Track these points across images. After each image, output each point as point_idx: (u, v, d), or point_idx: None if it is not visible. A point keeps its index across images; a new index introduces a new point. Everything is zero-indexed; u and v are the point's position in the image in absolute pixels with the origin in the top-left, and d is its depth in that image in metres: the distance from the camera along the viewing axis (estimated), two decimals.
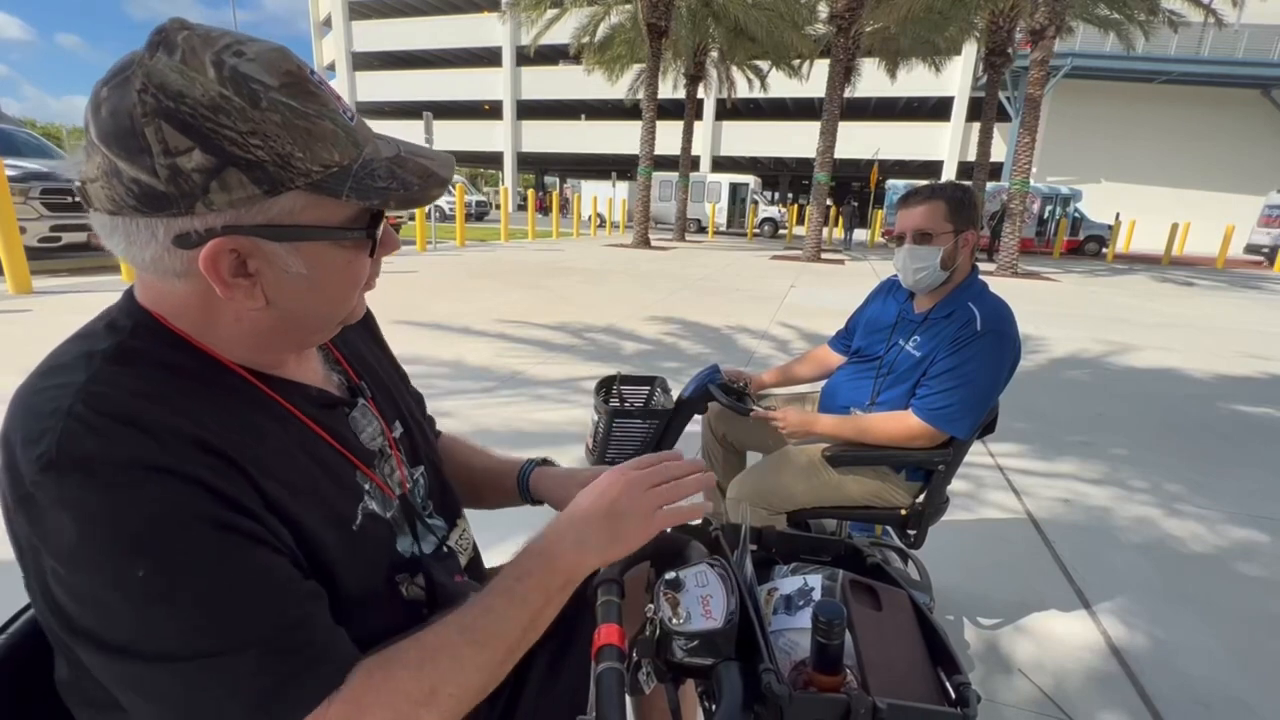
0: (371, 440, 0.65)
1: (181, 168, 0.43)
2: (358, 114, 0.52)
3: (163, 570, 0.42)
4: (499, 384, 3.58)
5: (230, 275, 0.47)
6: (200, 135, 0.42)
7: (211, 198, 0.44)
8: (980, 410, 1.37)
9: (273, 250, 0.47)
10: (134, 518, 0.42)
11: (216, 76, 0.43)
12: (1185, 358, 5.25)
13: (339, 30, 35.93)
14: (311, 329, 0.56)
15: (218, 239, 0.45)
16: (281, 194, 0.45)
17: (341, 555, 0.55)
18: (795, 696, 0.48)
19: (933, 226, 1.40)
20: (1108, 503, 2.50)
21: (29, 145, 7.34)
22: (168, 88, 0.42)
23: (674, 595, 0.55)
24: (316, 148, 0.46)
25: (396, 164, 0.50)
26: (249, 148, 0.43)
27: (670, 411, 1.58)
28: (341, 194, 0.47)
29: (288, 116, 0.45)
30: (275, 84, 0.45)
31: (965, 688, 0.51)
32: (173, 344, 0.50)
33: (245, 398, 0.53)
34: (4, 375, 2.95)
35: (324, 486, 0.56)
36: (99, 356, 0.47)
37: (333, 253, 0.50)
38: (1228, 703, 1.47)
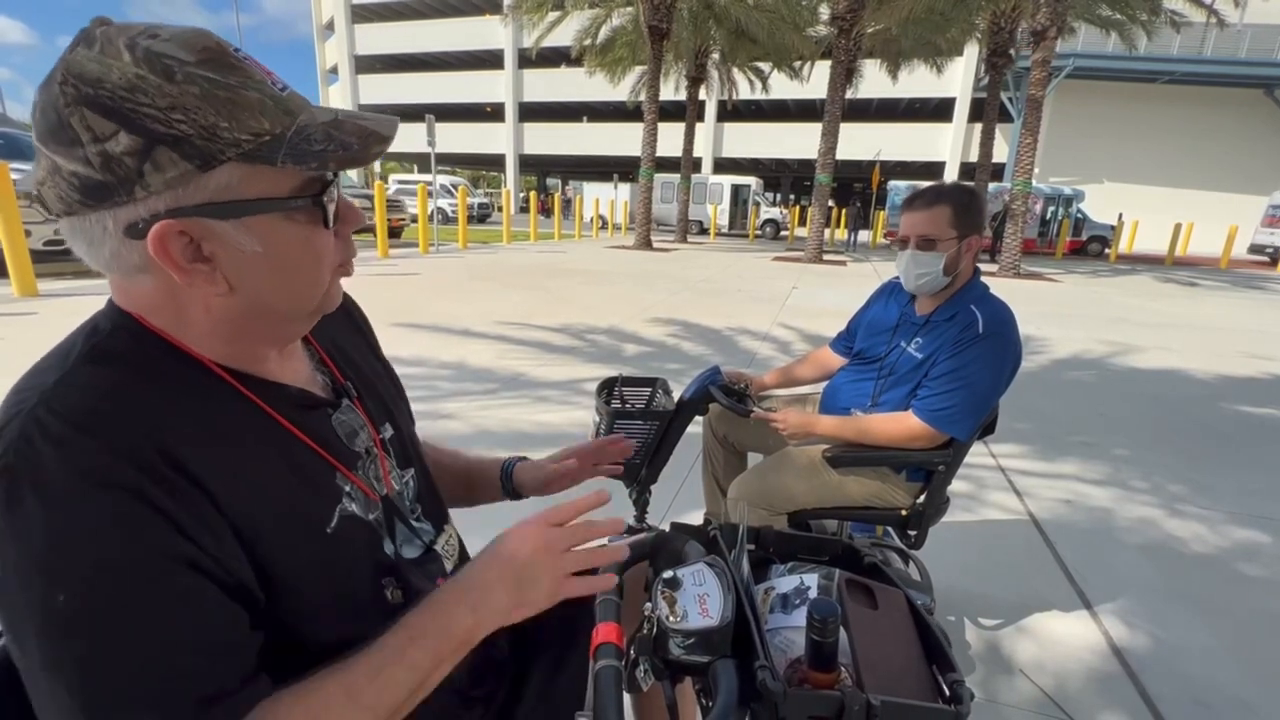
0: (357, 442, 0.64)
1: (111, 153, 0.43)
2: (289, 87, 0.51)
3: (80, 599, 0.42)
4: (501, 385, 3.59)
5: (186, 260, 0.47)
6: (122, 116, 0.43)
7: (147, 180, 0.44)
8: (980, 412, 1.37)
9: (223, 230, 0.47)
10: (68, 540, 0.42)
11: (131, 59, 0.43)
12: (1187, 358, 5.24)
13: (341, 34, 36.05)
14: (284, 315, 0.55)
15: (162, 222, 0.45)
16: (215, 167, 0.45)
17: (314, 559, 0.55)
18: (790, 693, 0.49)
19: (937, 232, 1.40)
20: (1109, 503, 2.50)
21: (33, 149, 7.38)
22: (85, 76, 0.43)
23: (671, 594, 0.56)
24: (243, 117, 0.45)
25: (333, 127, 0.49)
26: (171, 123, 0.43)
27: (671, 413, 1.59)
28: (277, 161, 0.46)
29: (206, 88, 0.44)
30: (192, 59, 0.45)
31: (959, 685, 0.51)
32: (150, 344, 0.50)
33: (221, 398, 0.52)
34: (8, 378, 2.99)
35: (297, 490, 0.55)
36: (74, 357, 0.48)
37: (285, 227, 0.50)
38: (1229, 703, 1.47)
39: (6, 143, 7.12)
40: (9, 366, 2.71)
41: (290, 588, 0.53)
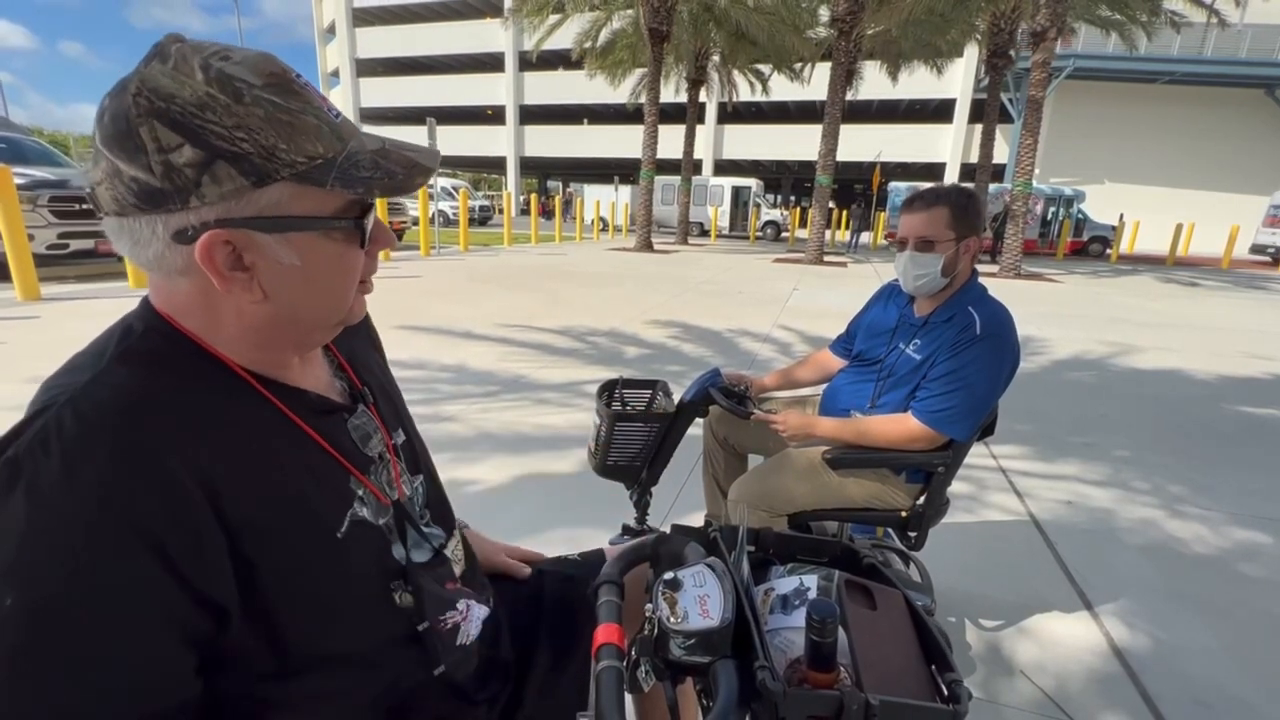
0: (370, 447, 0.65)
1: (174, 163, 0.45)
2: (342, 114, 0.54)
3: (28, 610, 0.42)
4: (502, 388, 3.60)
5: (227, 268, 0.49)
6: (189, 131, 0.45)
7: (203, 191, 0.46)
8: (979, 413, 1.38)
9: (265, 242, 0.49)
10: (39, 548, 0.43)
11: (204, 78, 0.46)
12: (1188, 358, 5.23)
13: (343, 37, 36.14)
14: (311, 325, 0.57)
15: (211, 231, 0.47)
16: (269, 185, 0.48)
17: (324, 563, 0.56)
18: (789, 693, 0.49)
19: (935, 234, 1.40)
20: (1110, 504, 2.50)
21: (36, 153, 7.41)
22: (159, 90, 0.45)
23: (672, 595, 0.56)
24: (300, 140, 0.48)
25: (380, 155, 0.52)
26: (235, 141, 0.46)
27: (671, 415, 1.60)
28: (327, 183, 0.49)
29: (270, 111, 0.47)
30: (259, 83, 0.47)
31: (957, 685, 0.52)
32: (181, 346, 0.52)
33: (244, 401, 0.54)
34: (13, 382, 3.00)
35: (310, 494, 0.56)
36: (108, 357, 0.50)
37: (324, 244, 0.52)
38: (1230, 703, 1.47)
39: (9, 147, 7.14)
40: (13, 370, 2.74)
41: (291, 591, 0.53)
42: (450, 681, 0.67)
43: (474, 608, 0.72)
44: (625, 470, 1.64)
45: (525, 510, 2.24)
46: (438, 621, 0.66)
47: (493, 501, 2.29)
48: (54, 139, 45.53)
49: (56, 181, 6.47)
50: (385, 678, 0.62)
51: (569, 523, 2.15)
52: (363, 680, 0.60)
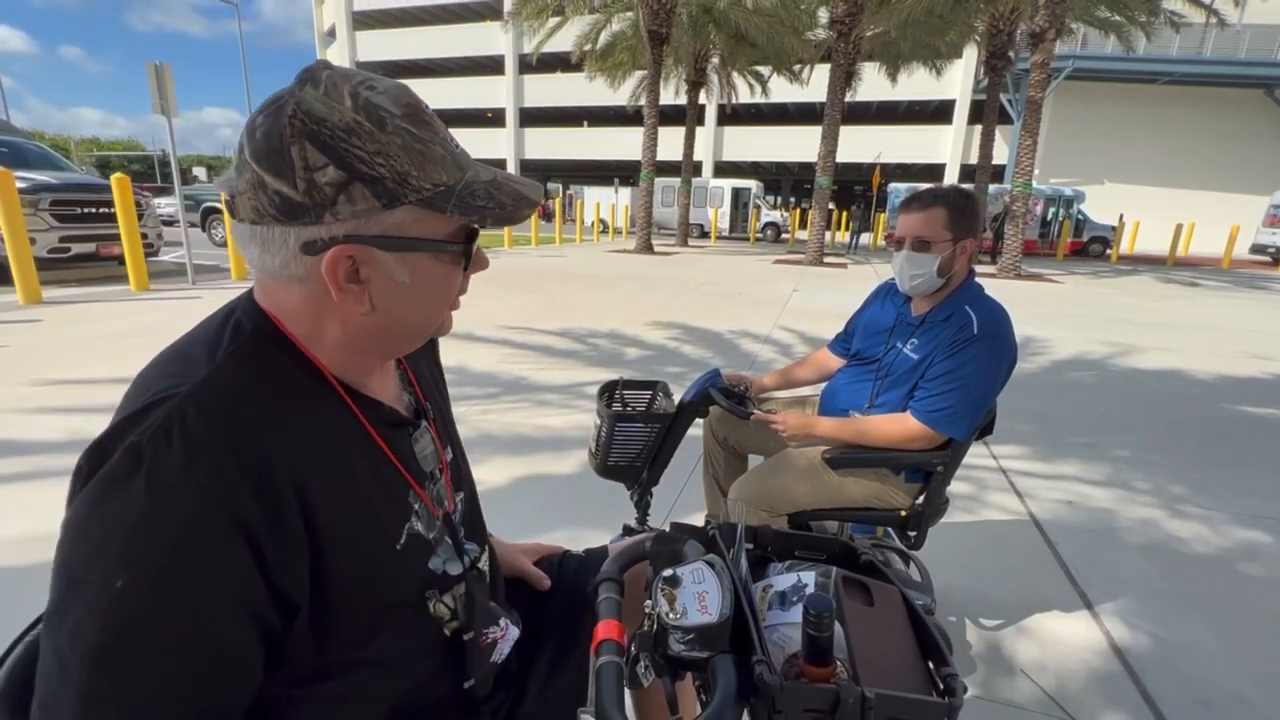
0: (426, 461, 0.67)
1: (317, 182, 0.49)
2: (461, 146, 0.57)
3: (136, 593, 0.44)
4: (503, 389, 3.61)
5: (345, 280, 0.52)
6: (335, 154, 0.49)
7: (338, 209, 0.50)
8: (977, 412, 1.38)
9: (384, 259, 0.53)
10: (154, 536, 0.45)
11: (352, 105, 0.50)
12: (1189, 358, 5.24)
13: (343, 40, 36.22)
14: (406, 336, 0.61)
15: (339, 245, 0.51)
16: (396, 208, 0.51)
17: (382, 573, 0.58)
18: (786, 686, 0.50)
19: (931, 234, 1.41)
20: (1110, 504, 2.50)
21: (37, 157, 7.44)
22: (313, 114, 0.49)
23: (671, 591, 0.57)
24: (429, 168, 0.52)
25: (493, 187, 0.55)
26: (374, 165, 0.49)
27: (672, 415, 1.60)
28: (446, 210, 0.53)
29: (407, 140, 0.51)
30: (399, 112, 0.51)
31: (953, 679, 0.52)
32: (284, 349, 0.56)
33: (332, 408, 0.57)
34: (16, 385, 3.01)
35: (380, 506, 0.59)
36: (222, 353, 0.53)
37: (433, 264, 0.56)
38: (1230, 701, 1.48)
39: (10, 150, 7.16)
40: (17, 374, 2.73)
41: (351, 598, 0.55)
42: (474, 696, 0.69)
43: (510, 629, 0.74)
44: (626, 471, 1.65)
45: (526, 511, 2.25)
46: (481, 635, 0.68)
47: (494, 503, 2.28)
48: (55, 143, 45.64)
49: (58, 185, 6.49)
50: (409, 684, 0.63)
51: (570, 523, 2.15)
52: (387, 684, 0.61)
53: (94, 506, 0.46)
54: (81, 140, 57.00)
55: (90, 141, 57.93)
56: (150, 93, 6.31)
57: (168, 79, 6.32)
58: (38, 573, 1.72)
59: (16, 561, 1.79)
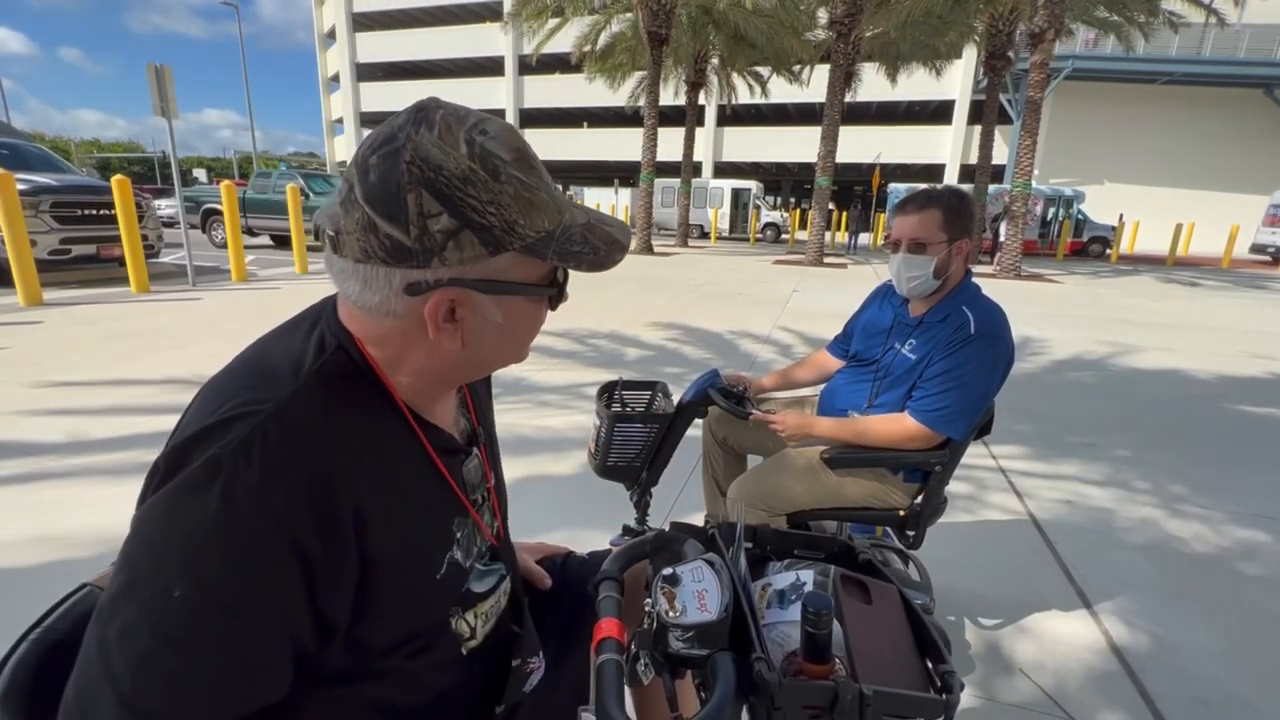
0: (474, 489, 0.68)
1: (430, 229, 0.49)
2: (557, 186, 0.58)
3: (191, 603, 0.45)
4: (503, 390, 3.61)
5: (443, 320, 0.53)
6: (450, 203, 0.49)
7: (446, 254, 0.50)
8: (975, 412, 1.39)
9: (481, 300, 0.53)
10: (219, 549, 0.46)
11: (468, 152, 0.49)
12: (1189, 358, 5.24)
13: (343, 42, 36.24)
14: (486, 368, 0.63)
15: (444, 289, 0.51)
16: (501, 254, 0.52)
17: (420, 602, 0.59)
18: (785, 683, 0.50)
19: (927, 236, 1.41)
20: (1110, 504, 2.51)
21: (38, 159, 7.45)
22: (430, 160, 0.48)
23: (671, 590, 0.57)
24: (534, 216, 0.52)
25: (588, 230, 0.56)
26: (485, 214, 0.50)
27: (671, 416, 1.61)
28: (547, 256, 0.53)
29: (518, 188, 0.51)
30: (509, 159, 0.51)
31: (950, 676, 0.53)
32: (364, 373, 0.56)
33: (401, 434, 0.58)
34: (17, 386, 3.01)
35: (427, 533, 0.60)
36: (305, 372, 0.53)
37: (525, 305, 0.57)
38: (1228, 700, 1.48)
39: (11, 153, 7.17)
40: (18, 375, 2.74)
41: (388, 622, 0.56)
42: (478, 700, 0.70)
43: (542, 662, 0.75)
44: (625, 471, 1.65)
45: (526, 511, 2.25)
46: (525, 663, 0.70)
47: None
48: (55, 145, 45.67)
49: (59, 187, 6.50)
50: (421, 697, 0.64)
51: (570, 524, 2.16)
52: (400, 694, 0.62)
53: (166, 511, 0.47)
54: (82, 142, 57.04)
55: (91, 143, 57.99)
56: (150, 94, 6.32)
57: (168, 81, 6.33)
58: (39, 573, 1.73)
59: (18, 563, 1.80)
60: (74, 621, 0.55)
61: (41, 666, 0.52)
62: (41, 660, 0.52)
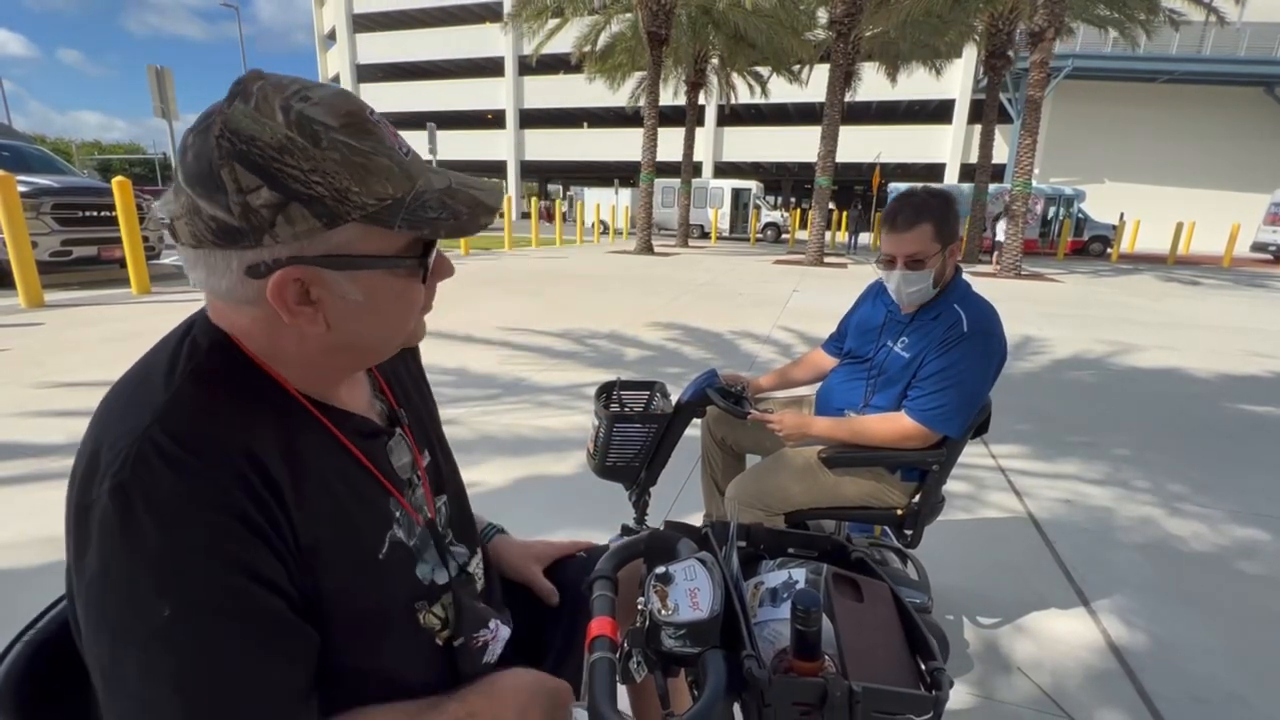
0: (404, 469, 0.67)
1: (252, 204, 0.47)
2: (412, 150, 0.55)
3: (184, 615, 0.45)
4: (502, 391, 3.62)
5: (295, 303, 0.50)
6: (268, 174, 0.46)
7: (277, 231, 0.47)
8: (971, 409, 1.39)
9: (333, 278, 0.51)
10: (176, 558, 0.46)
11: (284, 120, 0.47)
12: (1189, 357, 5.24)
13: (343, 43, 36.29)
14: (371, 351, 0.59)
15: (284, 269, 0.49)
16: (340, 226, 0.49)
17: (365, 584, 0.58)
18: (775, 680, 0.51)
19: (923, 250, 1.41)
20: (1109, 503, 2.51)
21: (39, 160, 7.46)
22: (241, 132, 0.46)
23: (663, 588, 0.58)
24: (371, 182, 0.49)
25: (448, 195, 0.52)
26: (310, 184, 0.47)
27: (669, 415, 1.61)
28: (394, 225, 0.50)
29: (346, 154, 0.48)
30: (336, 124, 0.48)
31: (939, 673, 0.53)
32: (244, 366, 0.54)
33: (301, 423, 0.56)
34: (18, 387, 3.02)
35: (358, 517, 0.58)
36: (179, 375, 0.51)
37: (388, 280, 0.54)
38: (1227, 699, 1.48)
39: (12, 154, 7.19)
40: (19, 377, 2.73)
41: (333, 609, 0.55)
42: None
43: (500, 628, 0.74)
44: (624, 471, 1.66)
45: (526, 512, 2.26)
46: (472, 639, 0.68)
47: (494, 504, 2.30)
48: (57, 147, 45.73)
49: (60, 189, 6.52)
50: (401, 693, 0.63)
51: (569, 524, 2.16)
52: (384, 695, 0.61)
53: (105, 559, 0.45)
54: (83, 144, 57.13)
55: (92, 145, 58.07)
56: (151, 96, 6.34)
57: (168, 82, 6.35)
58: (40, 574, 1.74)
59: (18, 563, 1.80)
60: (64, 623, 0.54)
61: (35, 667, 0.52)
62: (34, 661, 0.53)
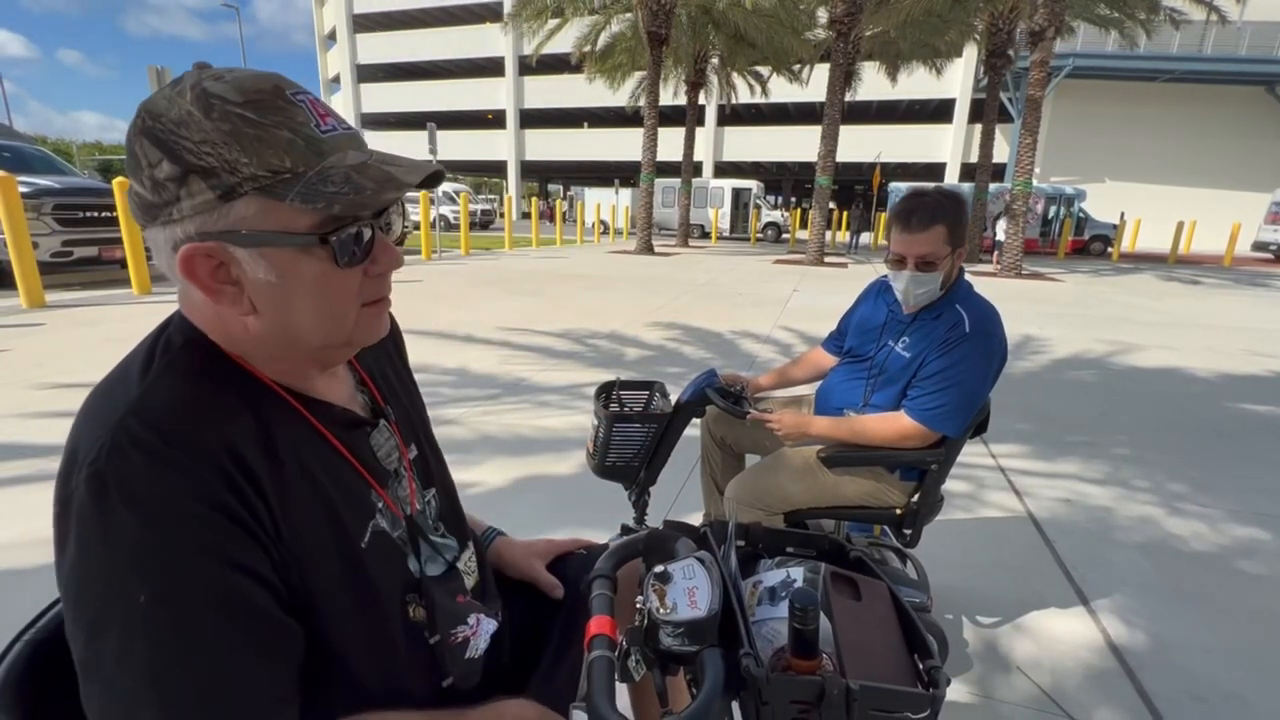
0: (388, 460, 0.67)
1: (158, 178, 0.48)
2: (354, 129, 0.54)
3: (161, 601, 0.46)
4: (503, 391, 3.62)
5: (214, 281, 0.51)
6: (166, 147, 0.48)
7: (181, 204, 0.49)
8: (971, 409, 1.39)
9: (243, 256, 0.50)
10: (153, 544, 0.46)
11: (190, 97, 0.48)
12: (1190, 356, 5.23)
13: (343, 43, 36.30)
14: (314, 343, 0.56)
15: (189, 244, 0.50)
16: (236, 199, 0.48)
17: (345, 574, 0.58)
18: (773, 678, 0.51)
19: (935, 252, 1.41)
20: (1109, 502, 2.51)
21: (40, 161, 7.47)
22: (152, 110, 0.48)
23: (661, 587, 0.58)
24: (265, 153, 0.48)
25: (356, 170, 0.50)
26: (201, 155, 0.47)
27: (669, 415, 1.61)
28: (286, 198, 0.48)
29: (238, 125, 0.47)
30: (239, 100, 0.48)
31: (936, 671, 0.54)
32: (218, 359, 0.55)
33: (278, 413, 0.56)
34: (20, 389, 3.02)
35: (339, 506, 0.58)
36: (155, 369, 0.52)
37: (302, 261, 0.51)
38: (1226, 698, 1.48)
39: (13, 155, 7.19)
40: (20, 377, 2.74)
41: (318, 601, 0.55)
42: (456, 692, 0.69)
43: (484, 621, 0.73)
44: (623, 471, 1.66)
45: (526, 512, 2.26)
46: (449, 635, 0.68)
47: (494, 503, 2.31)
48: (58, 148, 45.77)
49: (61, 189, 6.52)
50: (391, 688, 0.63)
51: (569, 524, 2.16)
52: (368, 689, 0.61)
53: (83, 546, 0.46)
54: (84, 145, 57.22)
55: (93, 146, 58.18)
56: None
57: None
58: (40, 574, 1.74)
59: (18, 564, 1.81)
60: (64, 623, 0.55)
61: (35, 667, 0.53)
62: (34, 661, 0.53)
